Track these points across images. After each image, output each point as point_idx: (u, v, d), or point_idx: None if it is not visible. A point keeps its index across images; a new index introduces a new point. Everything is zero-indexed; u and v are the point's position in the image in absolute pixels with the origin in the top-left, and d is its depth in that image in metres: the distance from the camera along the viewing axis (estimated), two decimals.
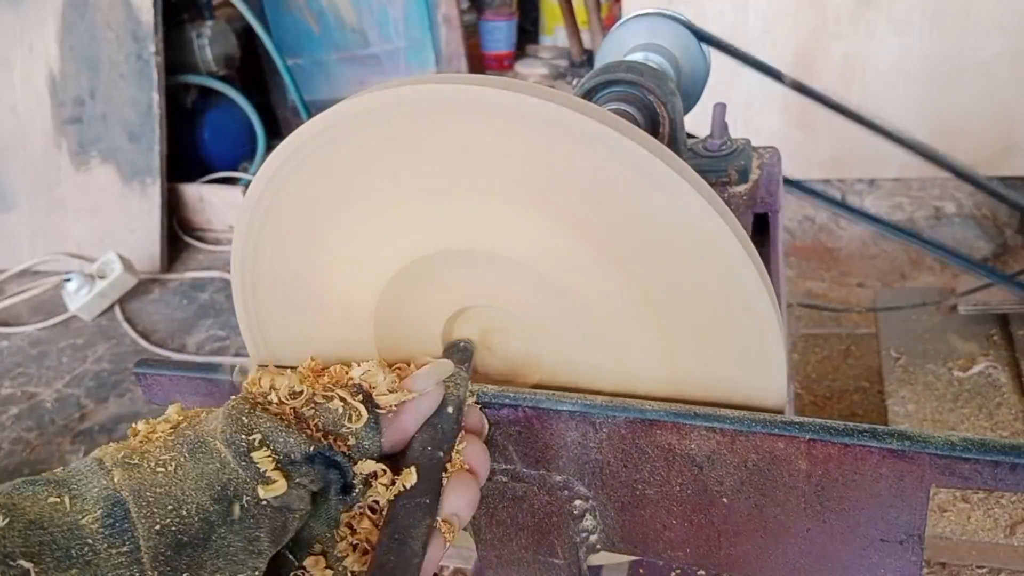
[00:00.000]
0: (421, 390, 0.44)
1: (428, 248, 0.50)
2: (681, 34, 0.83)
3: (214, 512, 0.36)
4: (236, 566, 0.36)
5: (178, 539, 0.35)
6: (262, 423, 0.39)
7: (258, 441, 0.38)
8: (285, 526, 0.39)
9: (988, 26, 1.94)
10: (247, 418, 0.39)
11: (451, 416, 0.45)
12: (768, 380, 0.48)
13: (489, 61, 3.00)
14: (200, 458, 0.38)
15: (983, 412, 1.30)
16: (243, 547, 0.37)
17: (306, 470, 0.39)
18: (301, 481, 0.39)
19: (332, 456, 0.40)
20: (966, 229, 2.18)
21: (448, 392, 0.45)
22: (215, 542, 0.36)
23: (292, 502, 0.39)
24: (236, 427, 0.39)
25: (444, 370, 0.46)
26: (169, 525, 0.35)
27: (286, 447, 0.39)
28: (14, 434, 1.77)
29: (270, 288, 0.55)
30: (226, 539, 0.36)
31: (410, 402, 0.43)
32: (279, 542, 0.39)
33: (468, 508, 0.43)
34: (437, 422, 0.44)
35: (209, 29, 2.62)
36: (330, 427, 0.41)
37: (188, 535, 0.35)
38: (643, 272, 0.46)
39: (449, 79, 0.44)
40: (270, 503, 0.38)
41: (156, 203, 2.41)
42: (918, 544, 0.43)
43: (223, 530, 0.36)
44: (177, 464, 0.37)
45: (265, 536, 0.38)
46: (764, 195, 0.72)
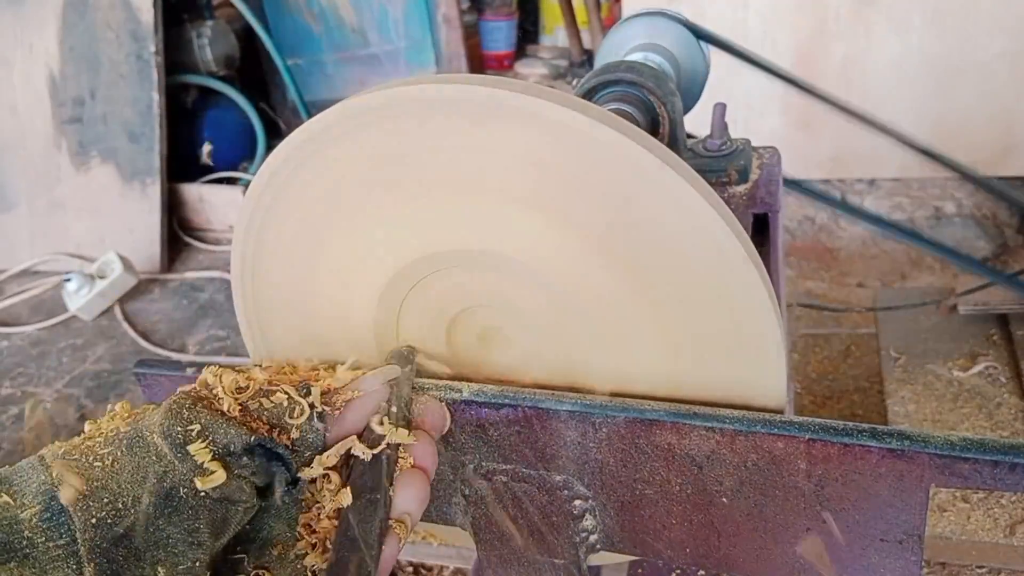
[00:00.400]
0: (365, 390, 0.45)
1: (429, 248, 0.50)
2: (681, 34, 0.83)
3: (150, 504, 0.37)
4: (176, 558, 0.37)
5: (114, 531, 0.36)
6: (201, 416, 0.40)
7: (196, 433, 0.39)
8: (226, 518, 0.39)
9: (988, 26, 1.94)
10: (187, 411, 0.40)
11: (396, 415, 0.45)
12: (768, 380, 0.48)
13: (489, 61, 3.00)
14: (137, 451, 0.38)
15: (983, 412, 1.30)
16: (182, 539, 0.37)
17: (246, 462, 0.40)
18: (241, 473, 0.39)
19: (273, 448, 0.40)
20: (966, 229, 2.18)
21: (392, 392, 0.46)
22: (153, 534, 0.37)
23: (232, 493, 0.39)
24: (174, 420, 0.39)
25: (389, 372, 0.47)
26: (105, 518, 0.36)
27: (225, 438, 0.39)
28: (14, 434, 1.77)
29: (270, 288, 0.55)
30: (164, 531, 0.37)
31: (355, 400, 0.44)
32: (220, 534, 0.39)
33: (418, 505, 0.44)
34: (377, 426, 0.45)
35: (209, 29, 2.62)
36: (274, 421, 0.41)
37: (124, 527, 0.36)
38: (643, 272, 0.46)
39: (450, 79, 0.44)
40: (209, 495, 0.38)
41: (156, 203, 2.41)
42: (918, 544, 0.43)
43: (161, 522, 0.37)
44: (114, 458, 0.38)
45: (205, 528, 0.38)
46: (764, 195, 0.72)
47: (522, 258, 0.48)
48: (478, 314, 0.53)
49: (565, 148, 0.43)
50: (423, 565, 1.35)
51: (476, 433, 0.50)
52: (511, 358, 0.54)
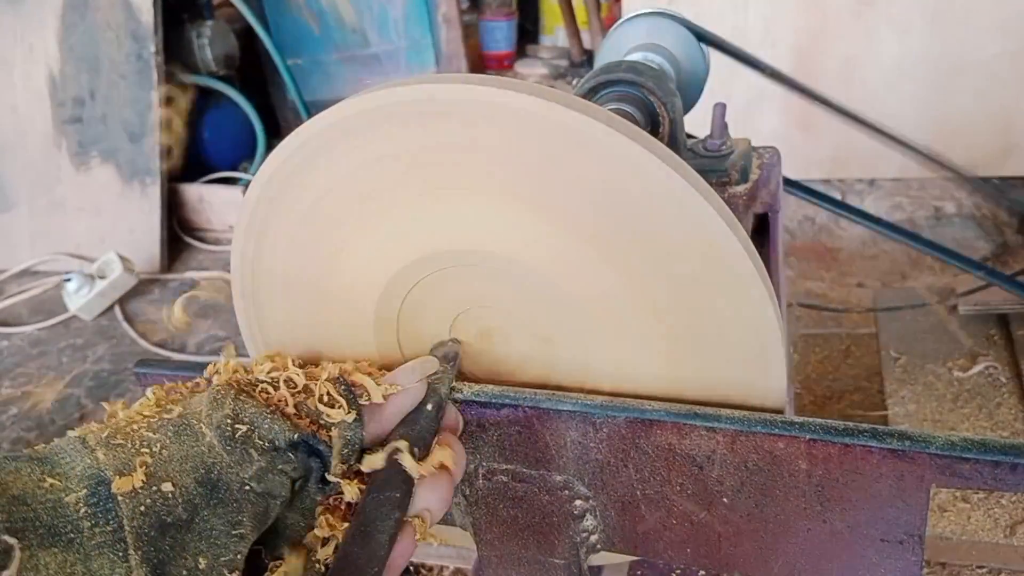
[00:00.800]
0: (405, 385, 0.44)
1: (429, 248, 0.50)
2: (681, 34, 0.83)
3: (198, 495, 0.37)
4: (218, 549, 0.37)
5: (162, 520, 0.35)
6: (247, 408, 0.39)
7: (244, 426, 0.38)
8: (267, 512, 0.39)
9: (988, 26, 1.94)
10: (233, 402, 0.39)
11: (430, 413, 0.45)
12: (768, 380, 0.48)
13: (489, 61, 3.00)
14: (185, 440, 0.38)
15: (983, 412, 1.30)
16: (226, 531, 0.37)
17: (289, 457, 0.39)
18: (284, 468, 0.39)
19: (315, 444, 0.40)
20: (966, 229, 2.18)
21: (430, 389, 0.46)
22: (198, 524, 0.36)
23: (274, 488, 0.39)
24: (222, 411, 0.39)
25: (428, 367, 0.47)
26: (153, 506, 0.35)
27: (271, 433, 0.39)
28: (14, 434, 1.77)
29: (270, 288, 0.55)
30: (209, 522, 0.37)
31: (393, 396, 0.44)
32: (260, 528, 0.39)
33: (441, 505, 0.43)
34: (416, 419, 0.45)
35: (209, 29, 2.62)
36: (314, 417, 0.41)
37: (172, 516, 0.36)
38: (643, 272, 0.46)
39: (449, 79, 0.44)
40: (253, 488, 0.38)
41: (156, 203, 2.41)
42: (918, 544, 0.43)
43: (206, 513, 0.37)
44: (162, 445, 0.37)
45: (248, 521, 0.38)
46: (764, 195, 0.72)
47: (523, 258, 0.48)
48: (478, 314, 0.53)
49: (565, 149, 0.43)
50: (423, 565, 1.35)
51: (476, 433, 0.50)
52: (511, 357, 0.54)
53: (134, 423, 0.39)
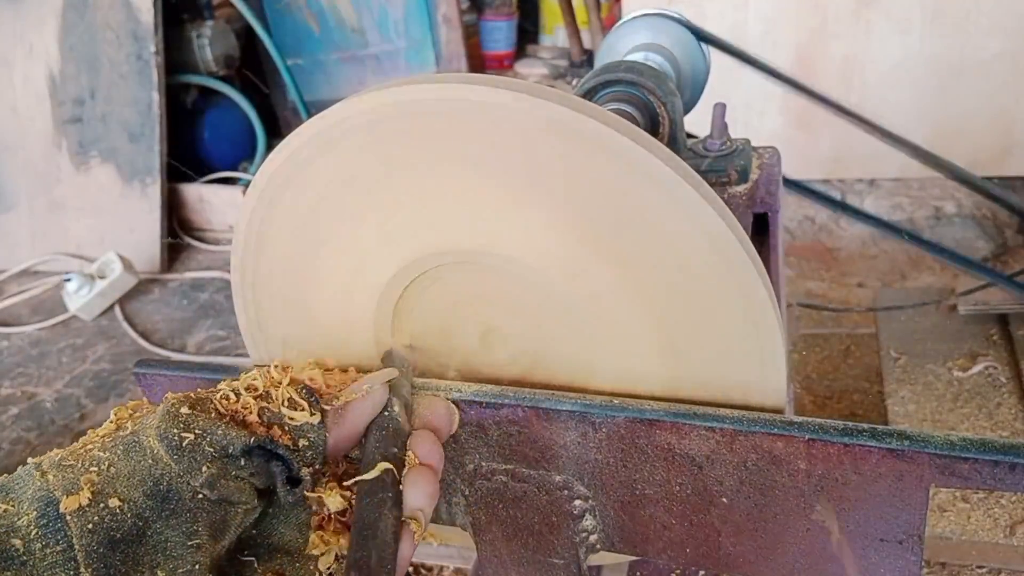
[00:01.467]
0: (366, 390, 0.45)
1: (429, 247, 0.50)
2: (681, 34, 0.83)
3: (147, 507, 0.37)
4: (175, 561, 0.36)
5: (111, 536, 0.35)
6: (198, 418, 0.39)
7: (191, 434, 0.38)
8: (225, 520, 0.39)
9: (988, 26, 1.94)
10: (184, 413, 0.39)
11: (398, 414, 0.45)
12: (768, 380, 0.48)
13: (489, 61, 3.00)
14: (133, 455, 0.38)
15: (983, 412, 1.30)
16: (181, 542, 0.37)
17: (245, 463, 0.39)
18: (239, 474, 0.39)
19: (273, 448, 0.40)
20: (966, 229, 2.18)
21: (393, 391, 0.46)
22: (151, 537, 0.36)
23: (231, 495, 0.38)
24: (171, 422, 0.39)
25: (387, 374, 0.47)
26: (100, 523, 0.35)
27: (223, 440, 0.39)
28: (14, 434, 1.77)
29: (270, 288, 0.55)
30: (163, 534, 0.37)
31: (355, 400, 0.44)
32: (220, 536, 0.39)
33: (429, 501, 0.43)
34: (386, 422, 0.45)
35: (209, 29, 2.62)
36: (275, 420, 0.41)
37: (121, 531, 0.36)
38: (643, 272, 0.46)
39: (450, 79, 0.44)
40: (207, 496, 0.38)
41: (156, 203, 2.41)
42: (918, 544, 0.43)
43: (159, 525, 0.37)
44: (110, 463, 0.38)
45: (204, 530, 0.38)
46: (764, 195, 0.72)
47: (522, 258, 0.48)
48: (478, 314, 0.53)
49: (565, 149, 0.43)
50: (423, 565, 1.35)
51: (476, 433, 0.50)
52: (512, 357, 0.54)
53: (88, 444, 0.39)
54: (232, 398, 0.42)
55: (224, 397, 0.42)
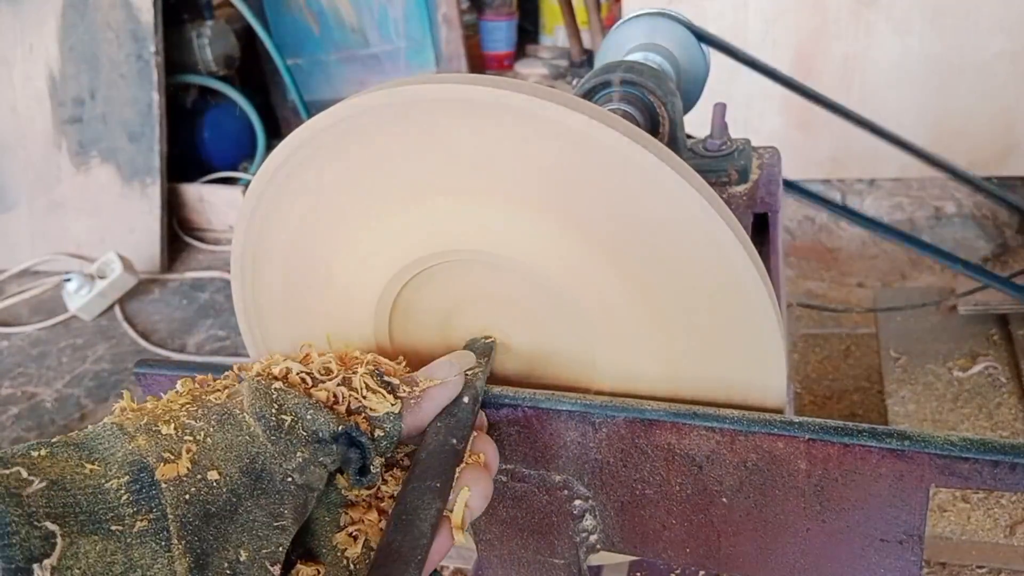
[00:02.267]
0: (443, 378, 0.44)
1: (429, 247, 0.50)
2: (681, 34, 0.83)
3: (242, 485, 0.35)
4: (260, 541, 0.35)
5: (206, 509, 0.34)
6: (290, 399, 0.39)
7: (288, 416, 0.38)
8: (306, 504, 0.38)
9: (988, 26, 1.94)
10: (276, 392, 0.39)
11: (467, 406, 0.45)
12: (768, 380, 0.48)
13: (489, 61, 3.00)
14: (229, 429, 0.37)
15: (983, 412, 1.30)
16: (268, 523, 0.36)
17: (331, 449, 0.39)
18: (324, 460, 0.38)
19: (357, 436, 0.40)
20: (966, 229, 2.18)
21: (467, 382, 0.46)
22: (241, 515, 0.35)
23: (314, 480, 0.38)
24: (265, 401, 0.38)
25: (466, 360, 0.46)
26: (198, 494, 0.34)
27: (314, 424, 0.38)
28: (14, 434, 1.77)
29: (270, 288, 0.55)
30: (252, 513, 0.35)
31: (432, 388, 0.43)
32: (300, 520, 0.38)
33: (481, 500, 0.42)
34: (454, 411, 0.44)
35: (209, 29, 2.62)
36: (355, 409, 0.41)
37: (216, 506, 0.34)
38: (643, 272, 0.46)
39: (452, 79, 0.44)
40: (295, 480, 0.37)
41: (156, 203, 2.41)
42: (918, 544, 0.43)
43: (250, 503, 0.35)
44: (206, 433, 0.36)
45: (289, 513, 0.37)
46: (764, 195, 0.72)
47: (523, 258, 0.48)
48: (478, 314, 0.53)
49: (565, 149, 0.43)
50: None
51: None
52: (511, 357, 0.54)
53: (172, 411, 0.37)
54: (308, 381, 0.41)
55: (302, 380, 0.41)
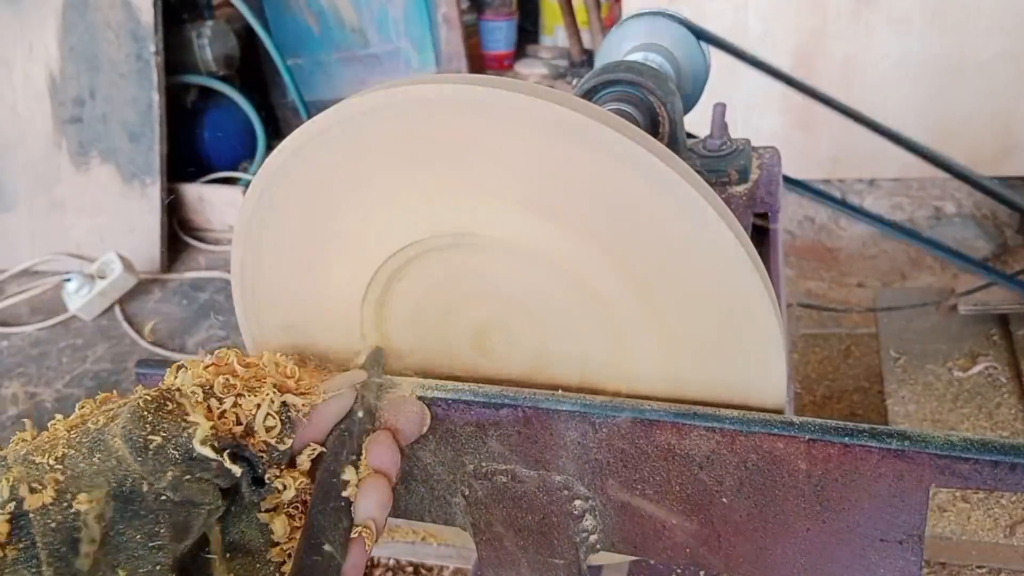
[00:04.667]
0: (332, 392, 0.45)
1: (427, 247, 0.50)
2: (681, 34, 0.83)
3: (111, 508, 0.37)
4: (136, 561, 0.37)
5: (73, 536, 0.35)
6: (165, 420, 0.39)
7: (158, 437, 0.38)
8: (188, 521, 0.39)
9: (988, 26, 1.94)
10: (151, 414, 0.39)
11: (361, 420, 0.46)
12: (768, 380, 0.48)
13: (489, 61, 3.00)
14: (98, 455, 0.38)
15: (983, 412, 1.30)
16: (143, 542, 0.37)
17: (208, 465, 0.39)
18: (202, 475, 0.39)
19: (239, 452, 0.41)
20: (966, 229, 2.18)
21: (359, 396, 0.46)
22: (113, 538, 0.36)
23: (194, 496, 0.39)
24: (137, 423, 0.39)
25: (356, 376, 0.47)
26: (64, 522, 0.35)
27: (189, 443, 0.39)
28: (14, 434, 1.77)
29: (269, 287, 0.55)
30: (125, 534, 0.37)
31: (321, 404, 0.44)
32: (183, 537, 0.39)
33: (380, 510, 0.43)
34: (347, 427, 0.45)
35: (209, 29, 2.62)
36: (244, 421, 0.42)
37: (83, 532, 0.36)
38: (643, 272, 0.46)
39: (454, 79, 0.44)
40: (170, 498, 0.38)
41: (156, 203, 2.41)
42: (918, 544, 0.43)
43: (121, 526, 0.37)
44: (76, 460, 0.37)
45: (166, 531, 0.38)
46: (764, 195, 0.72)
47: (521, 257, 0.48)
48: (474, 312, 0.53)
49: (565, 148, 0.43)
50: (423, 565, 1.35)
51: (476, 433, 0.50)
52: (509, 358, 0.54)
53: (55, 438, 0.39)
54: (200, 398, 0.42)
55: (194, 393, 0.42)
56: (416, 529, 1.33)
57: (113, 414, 0.40)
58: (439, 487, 0.53)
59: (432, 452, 0.52)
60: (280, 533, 0.42)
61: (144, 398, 0.40)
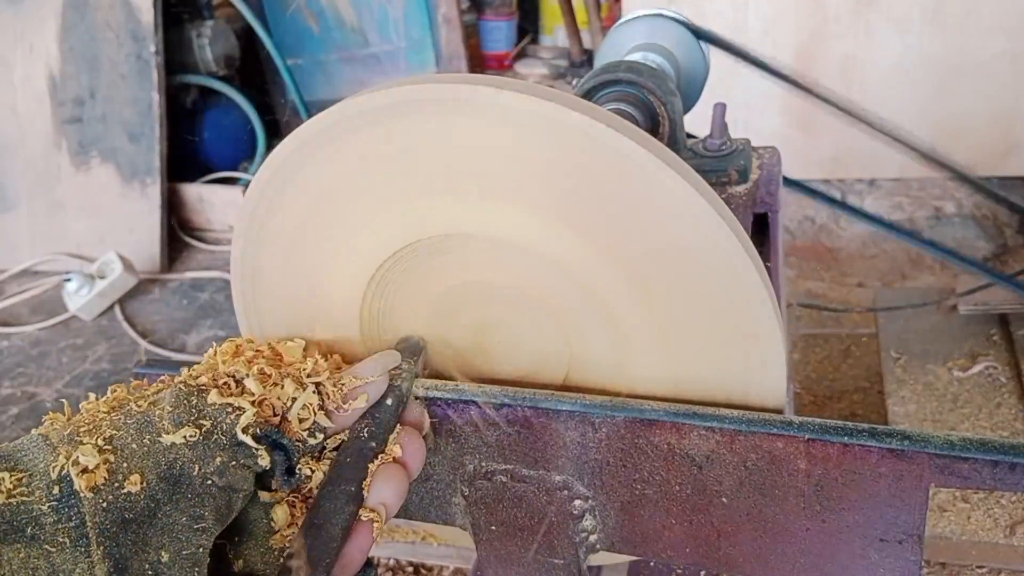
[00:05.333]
0: (367, 377, 0.45)
1: (427, 247, 0.50)
2: (681, 34, 0.83)
3: (160, 490, 0.37)
4: (181, 543, 0.37)
5: (123, 516, 0.36)
6: (210, 403, 0.40)
7: (207, 421, 0.39)
8: (230, 505, 0.39)
9: (988, 26, 1.94)
10: (195, 398, 0.40)
11: (389, 408, 0.45)
12: (768, 380, 0.48)
13: (489, 61, 3.00)
14: (147, 436, 0.38)
15: (983, 412, 1.30)
16: (188, 525, 0.38)
17: (251, 451, 0.40)
18: (246, 462, 0.40)
19: (279, 440, 0.41)
20: (966, 229, 2.18)
21: (391, 383, 0.46)
22: (160, 519, 0.37)
23: (237, 482, 0.39)
24: (183, 408, 0.39)
25: (390, 360, 0.47)
26: (115, 502, 0.36)
27: (233, 428, 0.39)
28: (14, 434, 1.77)
29: (269, 287, 0.55)
30: (171, 516, 0.37)
31: (354, 389, 0.44)
32: (224, 521, 0.39)
33: (395, 499, 0.43)
34: (376, 413, 0.45)
35: (209, 29, 2.62)
36: (281, 411, 0.42)
37: (134, 512, 0.36)
38: (643, 272, 0.46)
39: (455, 79, 0.44)
40: (215, 483, 0.38)
41: (156, 203, 2.41)
42: (917, 544, 0.43)
43: (168, 507, 0.37)
44: (124, 442, 0.38)
45: (210, 515, 0.38)
46: (764, 195, 0.72)
47: (521, 257, 0.48)
48: (474, 312, 0.53)
49: (565, 148, 0.43)
50: (423, 565, 1.35)
51: (476, 433, 0.50)
52: (507, 358, 0.54)
53: (97, 419, 0.39)
54: (234, 385, 0.42)
55: (228, 383, 0.42)
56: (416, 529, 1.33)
57: (155, 398, 0.41)
58: (439, 487, 0.53)
59: (432, 452, 0.52)
60: (281, 522, 0.42)
61: (186, 381, 0.41)
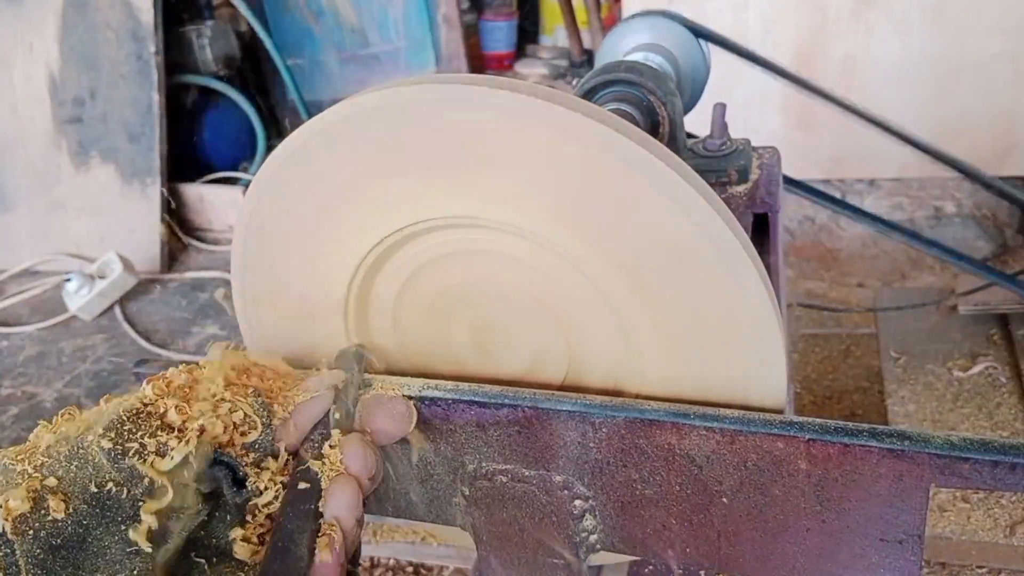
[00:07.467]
0: (313, 392, 0.45)
1: (427, 247, 0.50)
2: (681, 34, 0.83)
3: (88, 515, 0.37)
4: (114, 566, 0.37)
5: (51, 543, 0.36)
6: (140, 425, 0.40)
7: (135, 443, 0.39)
8: (166, 526, 0.39)
9: (988, 26, 1.94)
10: (130, 422, 0.40)
11: (339, 421, 0.46)
12: (768, 380, 0.48)
13: (489, 61, 3.00)
14: (76, 461, 0.38)
15: (983, 412, 1.30)
16: (120, 548, 0.38)
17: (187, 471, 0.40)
18: (181, 481, 0.40)
19: (218, 456, 0.41)
20: (966, 229, 2.18)
21: (337, 396, 0.46)
22: (91, 544, 0.37)
23: (172, 501, 0.39)
24: (115, 431, 0.39)
25: (335, 377, 0.47)
26: (41, 529, 0.36)
27: (163, 449, 0.39)
28: (14, 434, 1.77)
29: (269, 287, 0.55)
30: (103, 540, 0.37)
31: (300, 405, 0.45)
32: (160, 542, 0.39)
33: (348, 511, 0.43)
34: (325, 429, 0.45)
35: (209, 29, 2.62)
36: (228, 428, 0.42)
37: (61, 538, 0.36)
38: (644, 272, 0.46)
39: (456, 80, 0.44)
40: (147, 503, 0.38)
41: (156, 203, 2.41)
42: (918, 544, 0.43)
43: (99, 532, 0.37)
44: (52, 471, 0.38)
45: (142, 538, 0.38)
46: (764, 195, 0.72)
47: (521, 257, 0.48)
48: (473, 312, 0.53)
49: (566, 150, 0.43)
50: (423, 565, 1.35)
51: (476, 433, 0.50)
52: (506, 356, 0.54)
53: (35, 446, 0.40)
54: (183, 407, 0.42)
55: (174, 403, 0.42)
56: (416, 529, 1.33)
57: (91, 422, 0.41)
58: (439, 487, 0.53)
59: (432, 452, 0.52)
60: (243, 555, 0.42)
61: (124, 406, 0.41)
